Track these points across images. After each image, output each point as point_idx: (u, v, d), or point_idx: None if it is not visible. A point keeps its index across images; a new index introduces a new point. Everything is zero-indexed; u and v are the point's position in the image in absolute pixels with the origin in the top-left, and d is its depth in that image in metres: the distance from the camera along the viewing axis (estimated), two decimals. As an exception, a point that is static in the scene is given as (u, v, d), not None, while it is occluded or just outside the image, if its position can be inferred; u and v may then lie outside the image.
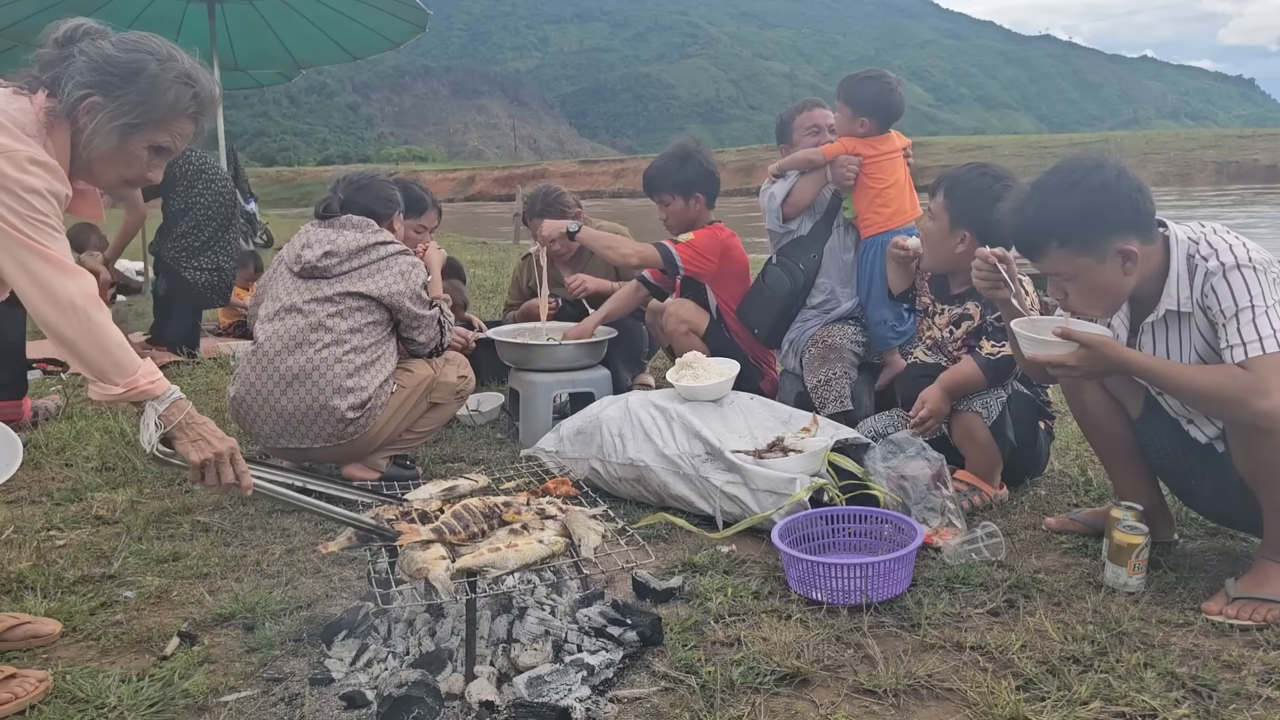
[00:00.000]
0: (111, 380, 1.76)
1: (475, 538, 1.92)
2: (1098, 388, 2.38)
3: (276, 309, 3.06)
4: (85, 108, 1.77)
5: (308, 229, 3.18)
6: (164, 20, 9.68)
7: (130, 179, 1.89)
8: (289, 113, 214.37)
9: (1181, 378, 2.06)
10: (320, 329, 2.98)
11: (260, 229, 13.55)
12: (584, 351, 3.75)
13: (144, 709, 1.82)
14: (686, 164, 3.82)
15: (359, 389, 2.96)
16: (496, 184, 60.27)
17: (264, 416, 2.99)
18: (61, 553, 2.62)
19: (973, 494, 2.86)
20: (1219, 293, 2.03)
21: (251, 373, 3.01)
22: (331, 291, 3.03)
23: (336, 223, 3.15)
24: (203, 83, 1.89)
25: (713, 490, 2.75)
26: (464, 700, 1.79)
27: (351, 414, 2.94)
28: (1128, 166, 2.10)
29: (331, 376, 2.94)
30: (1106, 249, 2.07)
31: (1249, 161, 38.73)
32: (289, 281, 3.11)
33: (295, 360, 2.95)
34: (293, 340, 2.98)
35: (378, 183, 3.34)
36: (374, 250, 3.09)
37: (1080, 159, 2.13)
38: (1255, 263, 2.02)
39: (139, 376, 1.78)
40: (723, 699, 1.82)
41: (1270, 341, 1.94)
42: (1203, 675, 1.85)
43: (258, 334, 3.08)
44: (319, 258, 3.04)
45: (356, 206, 3.22)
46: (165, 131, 1.86)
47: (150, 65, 1.82)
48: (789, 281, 3.66)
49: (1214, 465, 2.22)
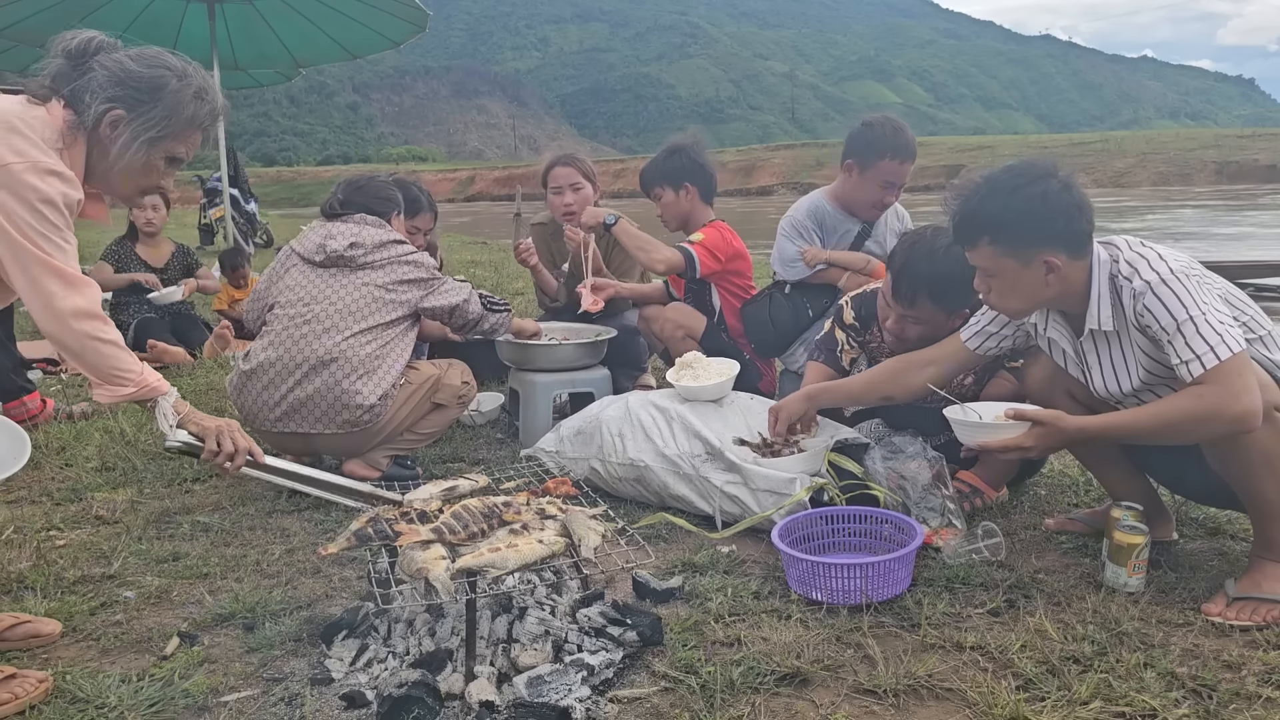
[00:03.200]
0: (121, 382, 1.90)
1: (475, 538, 1.92)
2: (1067, 399, 2.39)
3: (298, 296, 3.10)
4: (109, 120, 1.85)
5: (323, 224, 3.23)
6: (164, 20, 9.68)
7: (147, 188, 2.00)
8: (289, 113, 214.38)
9: (1147, 421, 2.05)
10: (348, 315, 3.02)
11: (260, 229, 13.57)
12: (584, 351, 3.75)
13: (144, 709, 1.82)
14: (674, 155, 3.82)
15: (380, 378, 3.01)
16: (496, 184, 60.28)
17: (273, 401, 3.00)
18: (61, 553, 2.62)
19: (974, 495, 2.86)
20: (1154, 311, 2.04)
21: (270, 354, 3.02)
22: (357, 280, 3.08)
23: (354, 219, 3.21)
24: (216, 97, 2.01)
25: (713, 490, 2.75)
26: (464, 700, 1.79)
27: (371, 400, 2.97)
28: (1076, 183, 2.13)
29: (358, 363, 2.98)
30: (1032, 256, 2.12)
31: (1249, 161, 38.77)
32: (306, 272, 3.15)
33: (322, 344, 2.98)
34: (319, 325, 3.01)
35: (375, 183, 3.38)
36: (394, 247, 3.17)
37: (1033, 165, 2.16)
38: (1178, 273, 2.04)
39: (147, 375, 1.94)
40: (723, 699, 1.82)
41: (1221, 348, 1.95)
42: (1203, 675, 1.85)
43: (274, 321, 3.09)
44: (345, 248, 3.11)
45: (355, 206, 3.26)
46: (182, 142, 1.96)
47: (170, 81, 1.92)
48: (794, 319, 3.67)
49: (1198, 455, 2.22)
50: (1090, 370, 2.28)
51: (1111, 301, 2.14)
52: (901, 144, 3.49)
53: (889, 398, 2.70)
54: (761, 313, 3.73)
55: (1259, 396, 1.94)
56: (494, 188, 59.78)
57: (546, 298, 4.45)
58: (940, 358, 2.58)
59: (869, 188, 3.56)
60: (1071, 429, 2.14)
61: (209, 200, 13.56)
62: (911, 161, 3.56)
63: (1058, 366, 2.39)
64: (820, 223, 3.70)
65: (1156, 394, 2.17)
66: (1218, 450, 2.09)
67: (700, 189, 3.83)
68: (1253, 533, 2.21)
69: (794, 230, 3.72)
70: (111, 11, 9.27)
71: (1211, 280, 2.10)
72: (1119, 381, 2.22)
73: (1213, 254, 11.74)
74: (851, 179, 3.60)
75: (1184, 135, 53.59)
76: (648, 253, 3.64)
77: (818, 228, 3.70)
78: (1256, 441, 1.98)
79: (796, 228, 3.71)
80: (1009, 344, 2.51)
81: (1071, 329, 2.30)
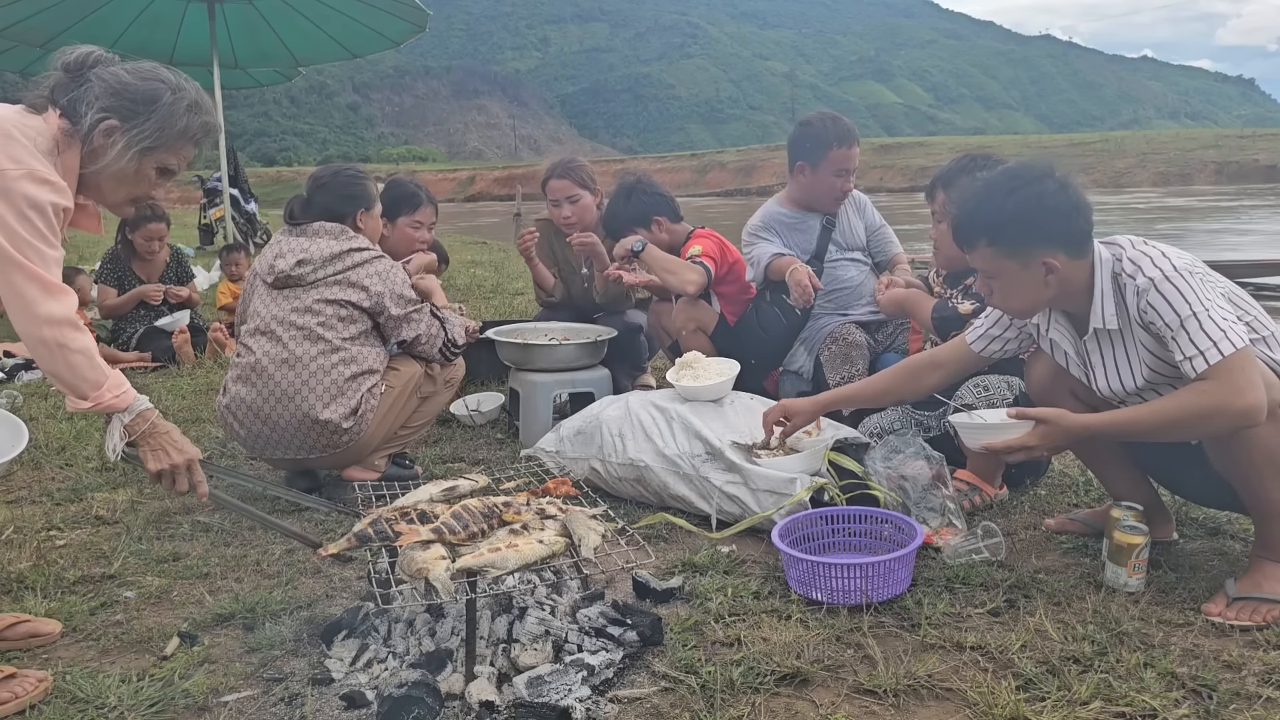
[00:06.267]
0: (81, 394, 1.89)
1: (475, 538, 1.92)
2: (1070, 398, 2.39)
3: (257, 325, 3.01)
4: (103, 130, 1.90)
5: (279, 238, 3.12)
6: (164, 20, 9.68)
7: (138, 198, 2.04)
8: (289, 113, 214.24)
9: (1151, 417, 2.05)
10: (305, 341, 2.92)
11: (260, 229, 13.56)
12: (584, 351, 3.75)
13: (144, 709, 1.82)
14: (632, 197, 3.92)
15: (349, 398, 2.92)
16: (496, 184, 60.28)
17: (256, 430, 2.95)
18: (61, 553, 2.62)
19: (973, 494, 2.86)
20: (1157, 308, 2.04)
21: (241, 389, 2.96)
22: (310, 300, 2.96)
23: (309, 230, 3.07)
24: (209, 112, 2.06)
25: (713, 490, 2.75)
26: (464, 700, 1.79)
27: (344, 424, 2.91)
28: (1074, 183, 2.13)
29: (321, 391, 2.89)
30: (1031, 257, 2.12)
31: (1249, 162, 38.75)
32: (265, 294, 3.05)
33: (284, 376, 2.90)
34: (278, 357, 2.91)
35: (341, 178, 3.20)
36: (348, 257, 3.01)
37: (1030, 166, 2.17)
38: (1181, 270, 2.04)
39: (104, 391, 1.91)
40: (723, 699, 1.82)
41: (1224, 343, 1.95)
42: (1203, 675, 1.85)
43: (241, 350, 3.03)
44: (292, 267, 2.98)
45: (317, 206, 3.14)
46: (174, 154, 2.00)
47: (165, 94, 1.96)
48: (783, 320, 3.69)
49: (1199, 455, 2.22)
50: (1094, 370, 2.28)
51: (1115, 300, 2.14)
52: (843, 131, 3.61)
53: (900, 400, 2.75)
54: (751, 326, 3.76)
55: (1263, 392, 1.93)
56: (494, 188, 59.77)
57: (543, 293, 4.45)
58: (947, 360, 2.60)
59: (825, 181, 3.64)
60: (1075, 427, 2.14)
61: (209, 200, 13.54)
62: (856, 145, 3.65)
63: (1059, 366, 2.39)
64: (770, 229, 3.75)
65: (1159, 393, 2.17)
66: (1220, 448, 2.08)
67: (668, 215, 3.95)
68: (1253, 532, 2.21)
69: (751, 236, 3.79)
70: (112, 11, 9.27)
71: (1215, 279, 2.10)
72: (1122, 380, 2.22)
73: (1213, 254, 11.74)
74: (805, 178, 3.68)
75: (1184, 135, 53.59)
76: (676, 275, 3.69)
77: (768, 232, 3.75)
78: (1260, 440, 1.98)
79: (754, 233, 3.78)
80: (1013, 346, 2.51)
81: (1074, 329, 2.30)
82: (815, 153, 3.62)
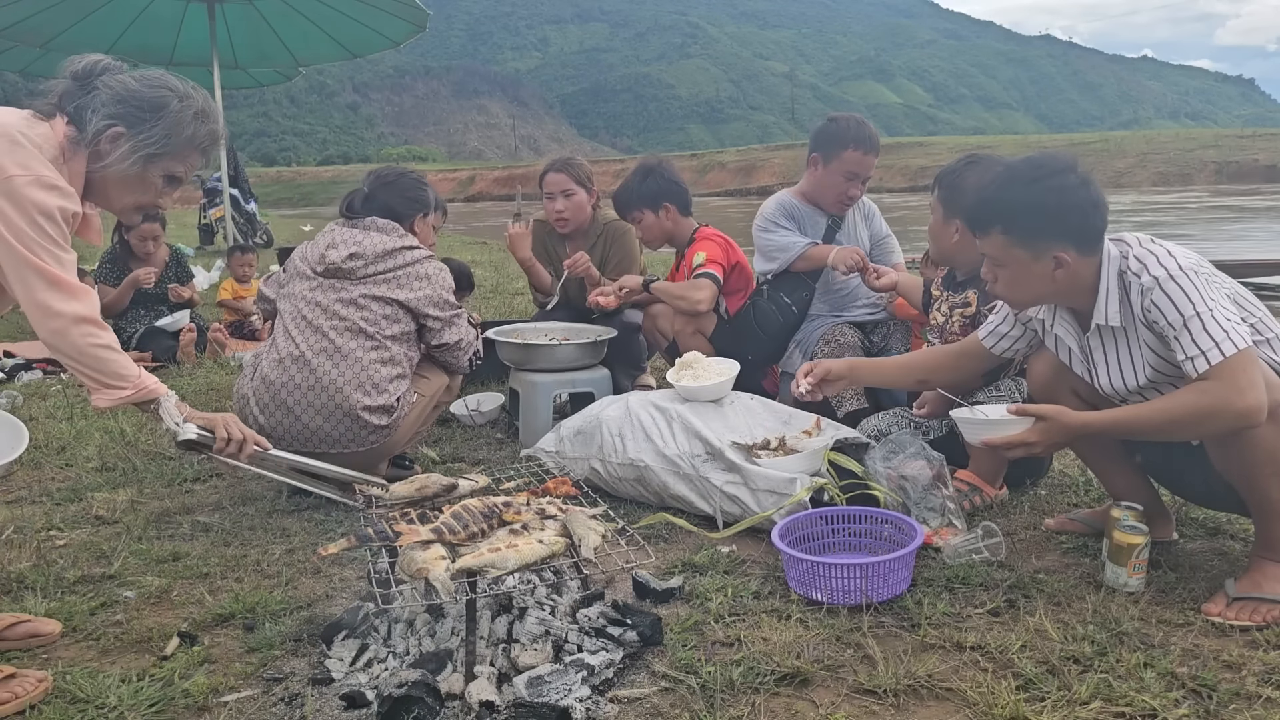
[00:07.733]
0: (118, 386, 1.95)
1: (475, 538, 1.92)
2: (1071, 396, 2.39)
3: (299, 311, 2.96)
4: (109, 136, 1.92)
5: (333, 229, 3.09)
6: (164, 20, 9.69)
7: (144, 204, 2.06)
8: (289, 113, 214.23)
9: (1152, 416, 2.06)
10: (348, 333, 2.89)
11: (260, 229, 13.57)
12: (584, 351, 3.75)
13: (144, 709, 1.82)
14: (649, 178, 3.91)
15: (389, 396, 2.89)
16: (496, 184, 60.27)
17: (277, 420, 2.87)
18: (61, 553, 2.62)
19: (973, 494, 2.86)
20: (1161, 307, 2.04)
21: (275, 373, 2.89)
22: (357, 294, 2.93)
23: (363, 224, 3.05)
24: (216, 120, 2.08)
25: (713, 490, 2.75)
26: (464, 700, 1.79)
27: (379, 421, 2.87)
28: (1094, 180, 2.13)
29: (366, 383, 2.85)
30: (1043, 250, 2.12)
31: (1249, 162, 38.72)
32: (310, 281, 3.01)
33: (325, 367, 2.85)
34: (319, 346, 2.88)
35: (406, 180, 3.22)
36: (400, 255, 3.00)
37: (1055, 158, 2.17)
38: (1186, 269, 2.04)
39: (144, 378, 2.00)
40: (723, 699, 1.82)
41: (1227, 344, 1.95)
42: (1203, 675, 1.85)
43: (279, 334, 2.98)
44: (344, 259, 2.95)
45: (378, 203, 3.12)
46: (180, 162, 2.03)
47: (172, 101, 1.98)
48: (780, 319, 3.70)
49: (1200, 456, 2.22)
50: (1096, 367, 2.28)
51: (1120, 297, 2.14)
52: (865, 136, 3.59)
53: (923, 383, 2.78)
54: (748, 323, 3.76)
55: (1264, 392, 1.93)
56: (494, 188, 59.76)
57: (539, 294, 4.45)
58: (965, 353, 2.62)
59: (833, 179, 3.64)
60: (1076, 424, 2.14)
61: (209, 200, 13.55)
62: (875, 155, 3.63)
63: (1062, 363, 2.39)
64: (790, 216, 3.75)
65: (1161, 392, 2.17)
66: (1221, 448, 2.08)
67: (679, 205, 3.94)
68: (1253, 532, 2.21)
69: (769, 223, 3.77)
70: (111, 11, 9.28)
71: (1220, 279, 2.10)
72: (1124, 378, 2.22)
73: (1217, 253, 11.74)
74: (817, 172, 3.68)
75: (1184, 135, 53.53)
76: (687, 298, 3.71)
77: (789, 220, 3.74)
78: (1261, 440, 1.98)
79: (772, 219, 3.76)
80: (1022, 345, 2.51)
81: (1078, 326, 2.30)
82: (831, 149, 3.61)
